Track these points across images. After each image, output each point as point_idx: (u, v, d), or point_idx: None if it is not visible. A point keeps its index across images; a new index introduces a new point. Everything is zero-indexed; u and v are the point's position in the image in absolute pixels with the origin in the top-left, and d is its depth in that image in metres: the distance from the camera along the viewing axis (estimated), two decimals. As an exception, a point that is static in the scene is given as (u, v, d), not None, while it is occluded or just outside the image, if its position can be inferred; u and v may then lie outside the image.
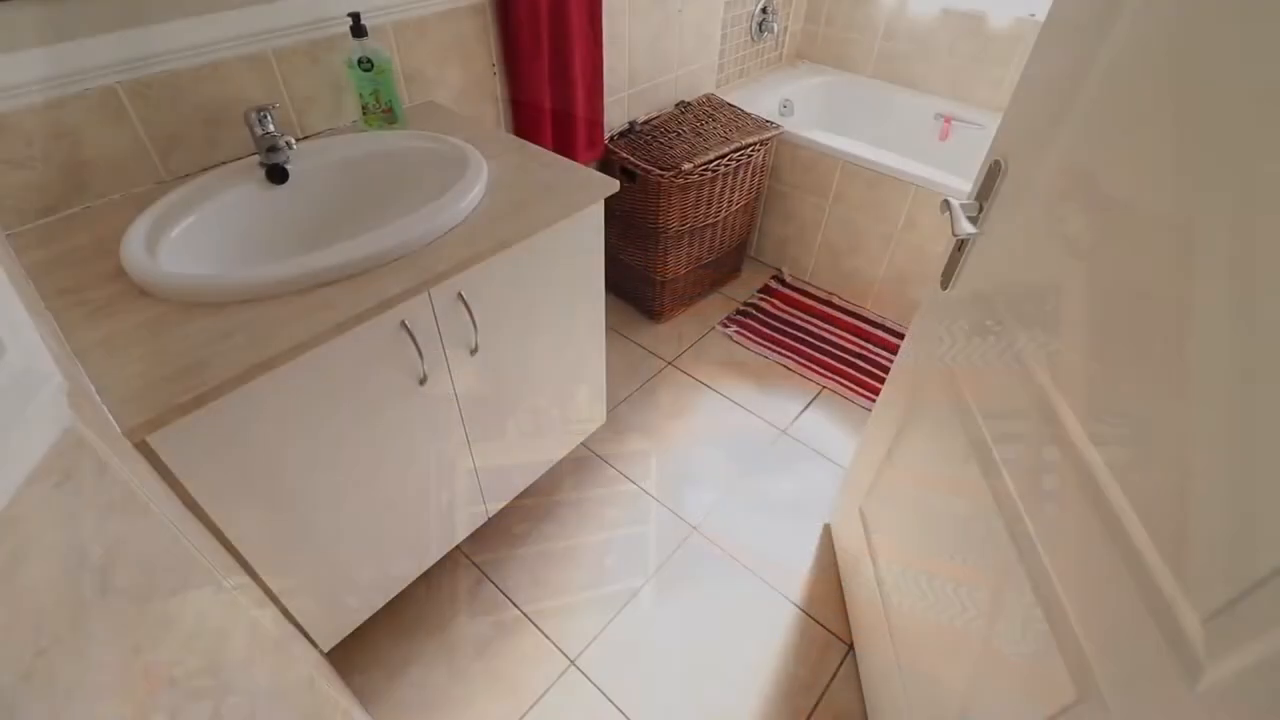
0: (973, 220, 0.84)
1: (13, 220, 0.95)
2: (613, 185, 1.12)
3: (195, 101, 1.05)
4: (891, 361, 1.99)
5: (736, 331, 2.11)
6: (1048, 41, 0.73)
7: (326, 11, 1.14)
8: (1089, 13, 0.65)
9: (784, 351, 2.04)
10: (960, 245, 0.88)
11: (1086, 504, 0.60)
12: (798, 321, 2.16)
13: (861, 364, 2.01)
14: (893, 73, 2.39)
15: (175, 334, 0.79)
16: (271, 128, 1.00)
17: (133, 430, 0.68)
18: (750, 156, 1.92)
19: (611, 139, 1.88)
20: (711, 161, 1.80)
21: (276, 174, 1.02)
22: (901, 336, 2.09)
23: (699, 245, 2.01)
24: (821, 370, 1.98)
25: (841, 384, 1.94)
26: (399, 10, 1.24)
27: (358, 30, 1.12)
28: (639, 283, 2.07)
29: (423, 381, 1.00)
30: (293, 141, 1.03)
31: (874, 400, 1.88)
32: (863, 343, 2.08)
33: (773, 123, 1.98)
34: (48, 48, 0.89)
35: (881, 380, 1.94)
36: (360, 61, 1.12)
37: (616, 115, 1.91)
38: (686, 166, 1.72)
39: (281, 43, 1.11)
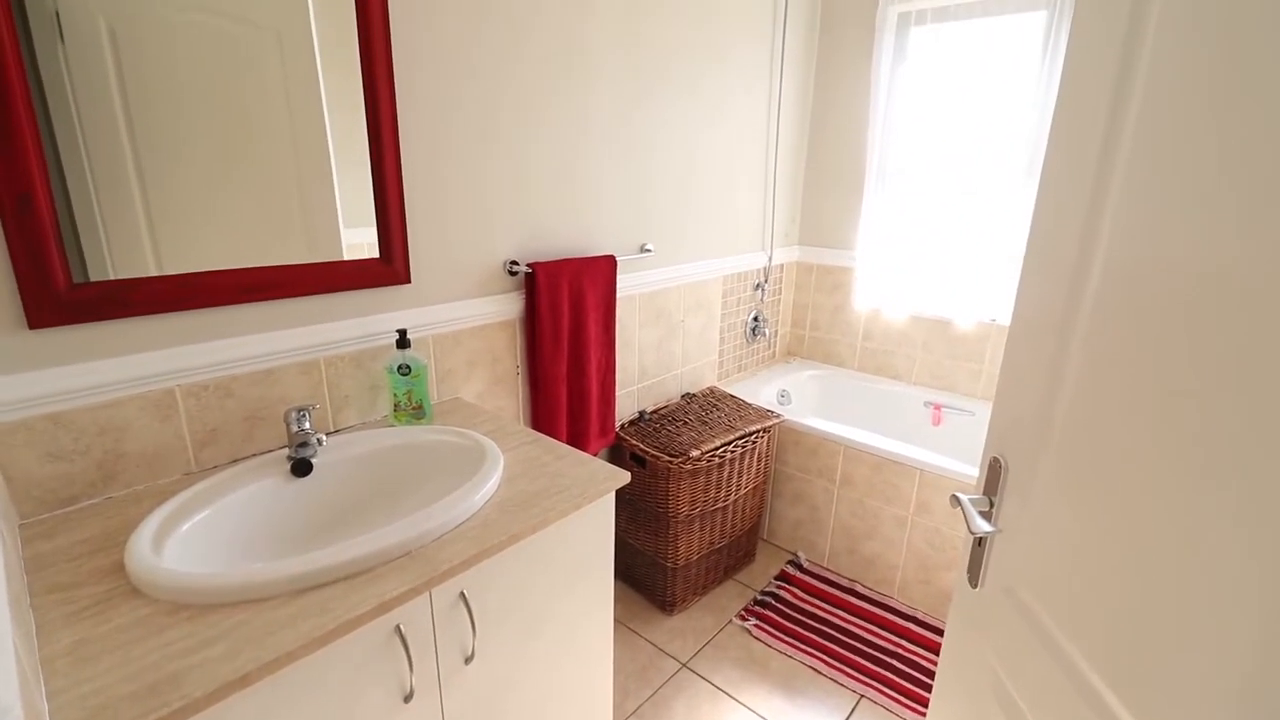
0: (986, 516, 0.83)
1: (31, 509, 0.97)
2: (624, 477, 1.15)
3: (243, 401, 1.15)
4: (933, 662, 1.79)
5: (756, 625, 1.94)
6: (1016, 347, 0.81)
7: (377, 328, 1.31)
8: (1050, 318, 0.74)
9: (811, 650, 1.85)
10: (980, 541, 0.86)
11: None
12: (821, 613, 2.00)
13: (900, 665, 1.80)
14: (877, 367, 2.63)
15: (154, 641, 0.73)
16: (307, 425, 1.08)
17: (68, 769, 0.58)
18: (755, 442, 2.01)
19: (622, 427, 1.99)
20: (718, 448, 1.87)
21: (301, 468, 1.06)
22: (939, 631, 1.91)
23: (710, 529, 1.98)
24: (856, 674, 1.77)
25: (882, 691, 1.71)
26: (440, 326, 1.43)
27: (403, 343, 1.28)
28: (649, 569, 1.98)
29: (408, 699, 0.89)
30: (323, 438, 1.09)
31: (923, 713, 1.64)
32: (897, 639, 1.90)
33: (773, 412, 2.12)
34: (122, 358, 1.01)
35: (926, 687, 1.72)
36: (400, 368, 1.26)
37: (627, 406, 2.06)
38: (694, 453, 1.79)
39: (332, 352, 1.26)
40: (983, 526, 0.80)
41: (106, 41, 0.92)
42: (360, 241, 1.26)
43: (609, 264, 1.74)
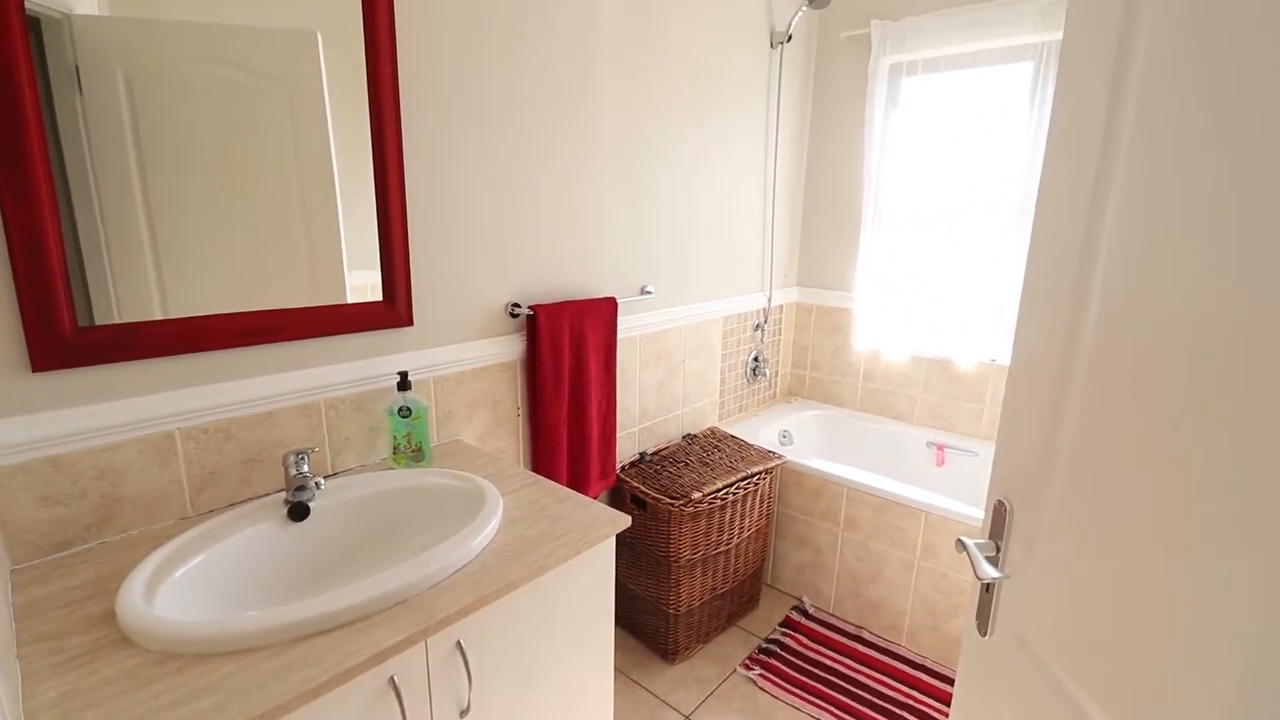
0: (993, 561, 0.82)
1: (24, 554, 0.95)
2: (624, 520, 1.14)
3: (242, 443, 1.14)
4: (944, 714, 1.73)
5: (761, 675, 1.88)
6: (1016, 388, 0.81)
7: (379, 370, 1.31)
8: (1049, 359, 0.74)
9: (818, 700, 1.79)
10: (988, 587, 0.84)
11: None
12: (828, 662, 1.95)
13: (910, 718, 1.73)
14: (878, 407, 2.62)
15: (142, 693, 0.71)
16: (306, 468, 1.07)
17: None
18: (757, 484, 1.99)
19: (623, 469, 1.98)
20: (720, 490, 1.85)
21: (298, 511, 1.05)
22: (949, 681, 1.85)
23: (713, 574, 1.94)
24: (863, 725, 1.71)
25: (890, 744, 1.65)
26: (441, 368, 1.44)
27: (404, 385, 1.28)
28: (650, 616, 1.94)
29: (401, 753, 0.86)
30: (321, 482, 1.08)
31: (933, 768, 1.58)
32: (907, 689, 1.84)
33: (775, 453, 2.10)
34: (124, 400, 1.01)
35: (936, 739, 1.66)
36: (400, 410, 1.25)
37: (628, 447, 2.04)
38: (696, 495, 1.77)
39: (334, 395, 1.26)
40: (990, 572, 0.78)
41: (123, 92, 0.96)
42: (364, 283, 1.27)
43: (610, 306, 1.76)
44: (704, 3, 1.98)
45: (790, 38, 2.30)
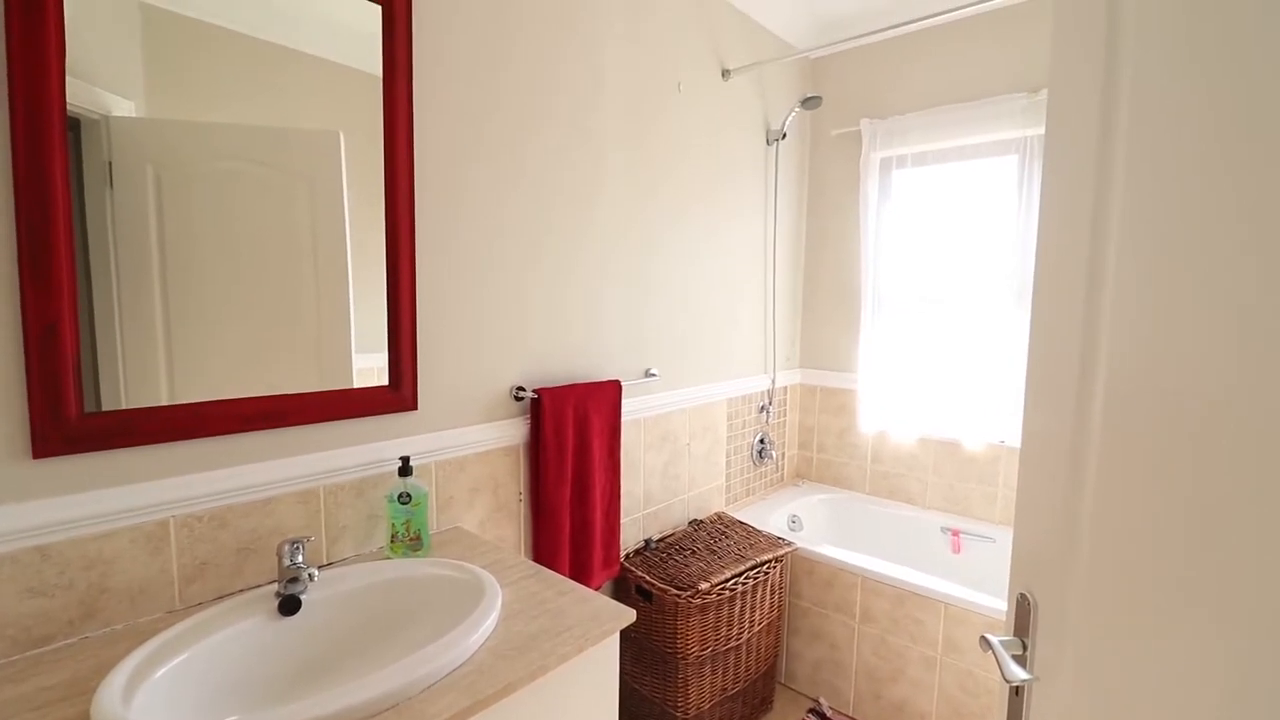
0: (1020, 660, 0.77)
1: (2, 650, 0.91)
2: (629, 615, 1.08)
3: (237, 532, 1.11)
4: (978, 835, 1.57)
5: (776, 787, 1.73)
6: (1029, 476, 0.79)
7: (380, 455, 1.30)
8: (1059, 445, 0.72)
9: (839, 818, 1.64)
10: (1018, 690, 0.79)
11: None
12: (848, 772, 1.80)
13: (941, 838, 1.58)
14: (888, 490, 2.56)
15: (104, 813, 0.66)
16: (300, 559, 1.03)
17: None
18: (767, 574, 1.91)
19: (627, 556, 1.91)
20: (729, 579, 1.78)
21: (289, 605, 1.01)
22: (980, 795, 1.70)
23: (723, 673, 1.83)
24: None
25: None
26: (443, 452, 1.42)
27: (405, 470, 1.26)
28: None
29: None
30: (315, 573, 1.04)
31: None
32: (935, 804, 1.68)
33: (785, 539, 2.03)
34: (122, 488, 0.99)
35: None
36: (400, 496, 1.23)
37: (632, 533, 1.98)
38: (704, 586, 1.70)
39: (334, 481, 1.24)
40: (1018, 674, 0.73)
41: (151, 187, 1.00)
42: (369, 366, 1.28)
43: (614, 388, 1.76)
44: (701, 104, 2.11)
45: (785, 135, 2.44)
